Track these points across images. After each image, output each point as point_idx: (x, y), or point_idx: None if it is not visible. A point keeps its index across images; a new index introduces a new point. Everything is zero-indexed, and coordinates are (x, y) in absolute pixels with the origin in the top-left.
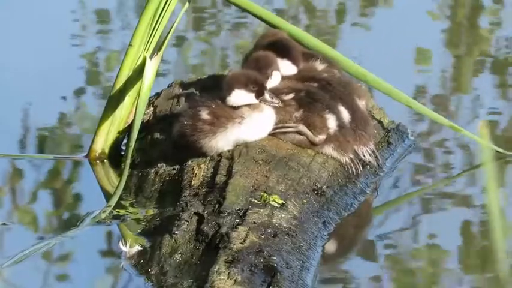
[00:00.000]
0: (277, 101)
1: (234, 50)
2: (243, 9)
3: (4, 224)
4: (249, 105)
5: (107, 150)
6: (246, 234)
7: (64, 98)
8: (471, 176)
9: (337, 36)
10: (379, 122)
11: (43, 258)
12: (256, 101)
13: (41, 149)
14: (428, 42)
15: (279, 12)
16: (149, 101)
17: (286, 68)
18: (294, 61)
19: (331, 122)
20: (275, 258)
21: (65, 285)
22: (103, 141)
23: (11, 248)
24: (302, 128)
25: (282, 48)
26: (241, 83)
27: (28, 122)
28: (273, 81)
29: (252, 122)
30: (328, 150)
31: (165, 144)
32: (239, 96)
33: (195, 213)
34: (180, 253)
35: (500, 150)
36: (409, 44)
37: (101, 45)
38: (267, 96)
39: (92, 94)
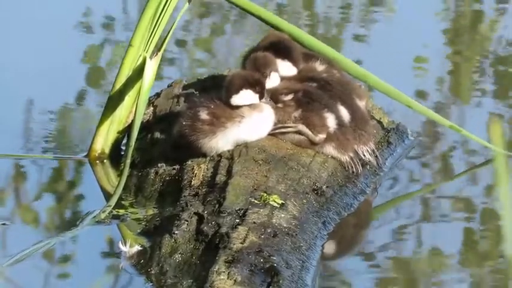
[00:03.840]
0: (273, 105)
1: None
2: (243, 9)
3: (4, 223)
4: (249, 105)
5: (107, 150)
6: (246, 234)
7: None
8: (472, 176)
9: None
10: (379, 122)
11: (43, 257)
12: (258, 102)
13: (41, 149)
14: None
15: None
16: (149, 100)
17: (286, 69)
18: (295, 62)
19: (331, 121)
20: (275, 258)
21: (65, 285)
22: (103, 141)
23: (12, 247)
24: (302, 127)
25: (282, 49)
26: (250, 84)
27: (28, 122)
28: (272, 82)
29: (252, 121)
30: (329, 149)
31: (165, 144)
32: (246, 97)
33: (194, 213)
34: (179, 253)
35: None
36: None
37: (101, 45)
38: (265, 99)
39: (92, 94)
